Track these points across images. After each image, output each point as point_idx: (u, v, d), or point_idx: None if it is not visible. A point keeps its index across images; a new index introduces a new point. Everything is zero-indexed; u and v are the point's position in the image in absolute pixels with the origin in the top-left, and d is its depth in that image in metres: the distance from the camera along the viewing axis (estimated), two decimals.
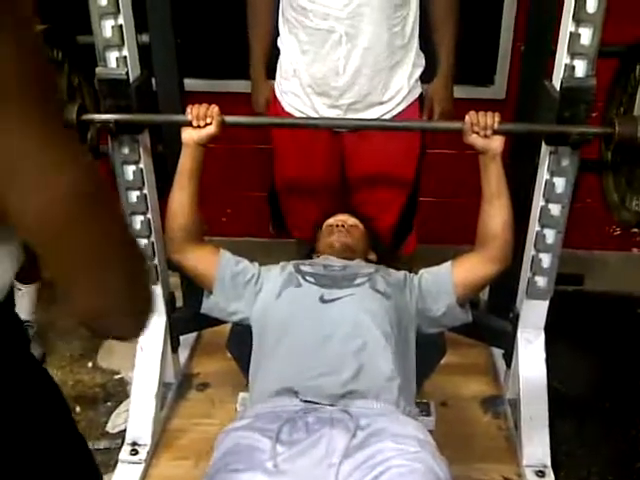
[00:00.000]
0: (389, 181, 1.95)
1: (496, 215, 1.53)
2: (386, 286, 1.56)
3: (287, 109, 1.90)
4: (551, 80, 1.50)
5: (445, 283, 1.57)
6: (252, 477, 1.19)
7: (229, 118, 1.59)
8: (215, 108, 1.57)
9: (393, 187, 1.97)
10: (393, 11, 1.72)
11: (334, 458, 1.20)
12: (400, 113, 1.85)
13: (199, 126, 1.56)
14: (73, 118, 1.53)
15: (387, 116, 1.84)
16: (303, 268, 1.62)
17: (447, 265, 1.61)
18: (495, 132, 1.50)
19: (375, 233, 1.86)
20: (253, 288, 1.60)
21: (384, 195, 1.97)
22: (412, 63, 1.82)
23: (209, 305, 1.65)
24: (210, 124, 1.56)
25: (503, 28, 2.20)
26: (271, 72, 1.94)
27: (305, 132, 1.88)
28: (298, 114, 1.87)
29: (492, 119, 1.50)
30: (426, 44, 1.86)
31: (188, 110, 1.57)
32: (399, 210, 2.01)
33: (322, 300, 1.52)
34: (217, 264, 1.61)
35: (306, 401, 1.36)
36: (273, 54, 1.91)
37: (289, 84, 1.86)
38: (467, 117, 1.52)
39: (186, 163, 1.59)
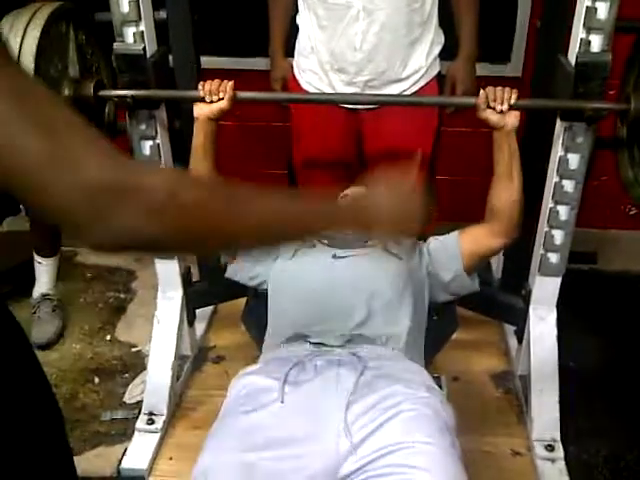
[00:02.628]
0: (406, 159, 1.95)
1: (505, 192, 1.53)
2: (397, 248, 1.59)
3: (305, 87, 1.90)
4: (567, 55, 1.50)
5: (453, 250, 1.59)
6: (260, 417, 1.24)
7: (241, 93, 1.59)
8: (229, 83, 1.57)
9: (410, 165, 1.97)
10: None
11: (342, 398, 1.23)
12: (418, 91, 1.84)
13: (212, 101, 1.57)
14: (90, 94, 1.55)
15: (405, 93, 1.83)
16: None
17: (455, 234, 1.62)
18: (510, 108, 1.49)
19: None
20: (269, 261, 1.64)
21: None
22: (431, 40, 1.81)
23: (234, 269, 1.69)
24: (222, 99, 1.56)
25: (520, 4, 2.18)
26: (290, 50, 1.94)
27: (323, 110, 1.88)
28: (316, 92, 1.87)
29: (509, 94, 1.48)
30: (447, 21, 1.84)
31: (200, 86, 1.58)
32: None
33: (334, 256, 1.56)
34: None
35: (315, 343, 1.40)
36: (292, 32, 1.91)
37: (307, 61, 1.86)
38: (482, 92, 1.50)
39: (199, 138, 1.60)
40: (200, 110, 1.58)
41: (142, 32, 1.54)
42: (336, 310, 1.46)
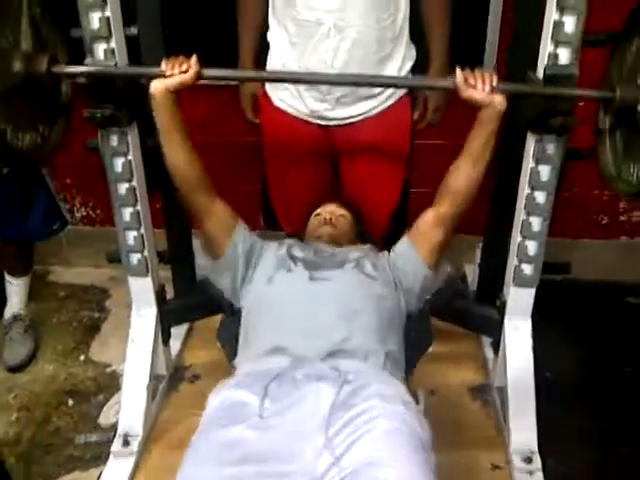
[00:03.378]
0: (380, 178, 1.96)
1: (465, 173, 1.51)
2: (373, 269, 1.59)
3: (277, 104, 1.90)
4: (536, 69, 1.51)
5: (412, 256, 1.59)
6: (240, 431, 1.21)
7: (207, 70, 1.49)
8: (194, 57, 1.47)
9: (385, 183, 1.97)
10: (383, 3, 1.71)
11: (322, 413, 1.22)
12: (390, 107, 1.85)
13: (172, 75, 1.46)
14: (43, 70, 1.45)
15: (377, 110, 1.84)
16: (295, 253, 1.65)
17: (405, 239, 1.63)
18: (493, 90, 1.44)
19: (363, 221, 1.88)
20: (252, 268, 1.63)
21: (373, 194, 1.96)
22: (402, 56, 1.82)
23: (213, 269, 1.67)
24: (185, 72, 1.46)
25: (490, 16, 2.21)
26: (260, 65, 1.93)
27: (295, 125, 1.88)
28: (289, 109, 1.87)
29: (489, 75, 1.45)
30: (417, 35, 1.85)
31: (163, 62, 1.48)
32: (392, 207, 2.02)
33: (311, 279, 1.55)
34: (232, 237, 1.62)
35: (295, 357, 1.38)
36: (262, 47, 1.91)
37: None
38: (459, 72, 1.45)
39: (161, 118, 1.50)
40: (156, 85, 1.47)
41: (113, 49, 1.53)
42: (316, 328, 1.45)
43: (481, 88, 1.43)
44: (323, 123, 1.87)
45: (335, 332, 1.43)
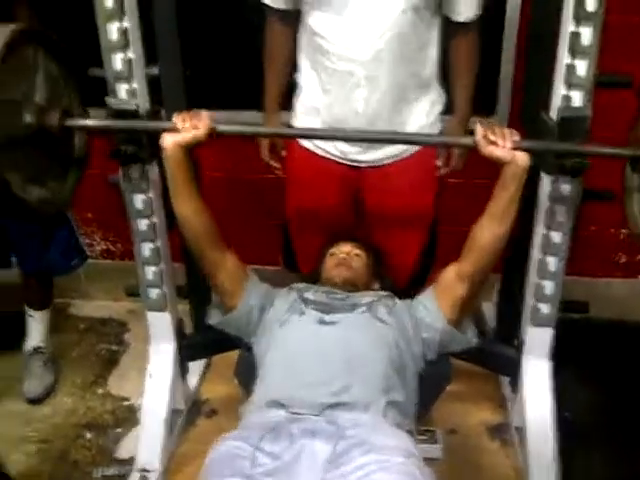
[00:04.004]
0: (406, 220, 1.93)
1: (489, 233, 1.48)
2: (387, 315, 1.58)
3: (303, 143, 1.89)
4: (549, 111, 1.53)
5: (432, 308, 1.58)
6: None
7: (221, 126, 1.49)
8: (204, 113, 1.48)
9: (410, 227, 1.94)
10: (413, 54, 1.72)
11: (317, 470, 1.21)
12: (420, 150, 1.84)
13: (184, 130, 1.46)
14: (55, 123, 1.45)
15: (406, 154, 1.83)
16: (307, 296, 1.65)
17: (429, 290, 1.62)
18: (515, 148, 1.41)
19: (381, 261, 1.87)
20: (265, 316, 1.64)
21: (401, 235, 1.94)
22: (432, 101, 1.83)
23: (224, 322, 1.68)
24: (197, 127, 1.46)
25: (503, 59, 2.23)
26: (285, 105, 1.94)
27: (323, 166, 1.88)
28: (317, 149, 1.87)
29: (509, 131, 1.42)
30: (445, 79, 1.86)
31: (174, 116, 1.49)
32: (417, 251, 1.99)
33: (321, 322, 1.55)
34: (244, 290, 1.63)
35: (292, 413, 1.37)
36: (289, 88, 1.92)
37: (311, 120, 1.85)
38: (479, 127, 1.43)
39: (171, 172, 1.50)
40: (168, 139, 1.46)
41: (135, 89, 1.58)
42: (316, 377, 1.42)
43: (502, 144, 1.41)
44: (352, 164, 1.87)
45: (336, 382, 1.41)
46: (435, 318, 1.57)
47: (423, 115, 1.82)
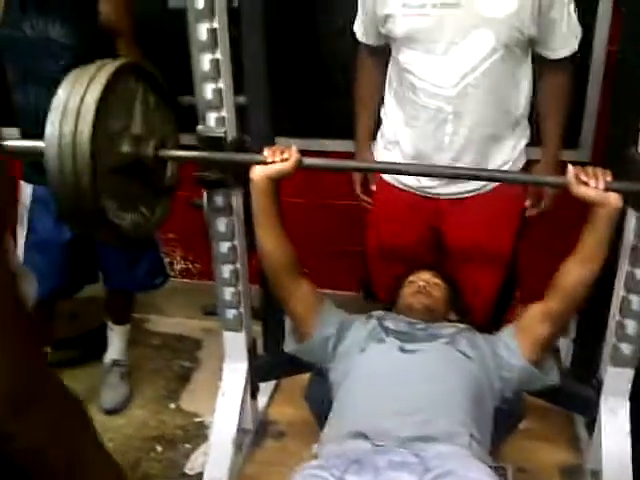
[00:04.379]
0: (483, 256, 1.92)
1: (579, 272, 1.47)
2: (468, 347, 1.57)
3: (386, 178, 1.92)
4: (637, 147, 1.50)
5: (511, 345, 1.57)
6: None
7: (307, 160, 1.55)
8: (293, 147, 1.54)
9: (487, 264, 1.93)
10: (503, 91, 1.73)
11: None
12: (501, 185, 1.82)
13: (273, 162, 1.52)
14: (150, 153, 1.52)
15: (489, 186, 1.82)
16: (386, 324, 1.66)
17: (510, 327, 1.60)
18: (607, 188, 1.40)
19: (458, 293, 1.86)
20: (342, 344, 1.65)
21: (478, 271, 1.93)
22: (518, 136, 1.83)
23: (301, 350, 1.70)
24: (286, 160, 1.51)
25: (589, 92, 2.20)
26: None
27: (404, 198, 1.90)
28: (400, 185, 1.89)
29: (602, 172, 1.41)
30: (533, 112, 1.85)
31: (265, 149, 1.55)
32: (494, 289, 1.98)
33: (402, 350, 1.55)
34: (320, 318, 1.65)
35: (377, 445, 1.37)
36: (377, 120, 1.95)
37: (391, 154, 1.88)
38: (571, 167, 1.43)
39: (258, 202, 1.55)
40: (258, 171, 1.52)
41: (223, 117, 1.63)
42: (400, 408, 1.43)
43: (594, 185, 1.39)
44: (433, 197, 1.88)
45: (420, 413, 1.41)
46: (515, 356, 1.56)
47: (509, 150, 1.82)
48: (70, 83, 1.36)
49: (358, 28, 1.86)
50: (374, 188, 1.99)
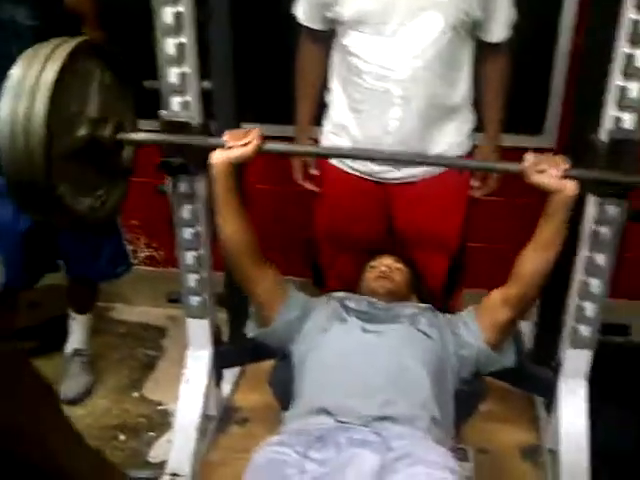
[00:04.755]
0: (433, 238, 1.95)
1: (536, 260, 1.49)
2: (428, 327, 1.59)
3: (333, 162, 1.92)
4: (599, 132, 1.52)
5: (472, 326, 1.59)
6: None
7: (268, 145, 1.53)
8: (256, 130, 1.52)
9: (441, 241, 1.96)
10: (449, 75, 1.74)
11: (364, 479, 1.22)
12: (448, 169, 1.86)
13: (233, 147, 1.50)
14: (107, 136, 1.48)
15: (436, 170, 1.84)
16: (348, 304, 1.67)
17: (471, 309, 1.63)
18: (564, 176, 1.41)
19: (419, 277, 1.88)
20: (305, 325, 1.65)
21: (428, 252, 1.95)
22: (462, 121, 1.85)
23: (264, 334, 1.69)
24: (247, 145, 1.49)
25: (554, 78, 2.24)
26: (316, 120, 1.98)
27: (353, 183, 1.90)
28: (347, 168, 1.90)
29: (560, 158, 1.42)
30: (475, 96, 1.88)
31: (226, 133, 1.53)
32: (444, 271, 2.01)
33: (364, 330, 1.57)
34: (283, 303, 1.65)
35: (340, 421, 1.38)
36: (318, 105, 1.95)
37: (339, 139, 1.88)
38: (528, 156, 1.44)
39: (219, 187, 1.52)
40: (218, 156, 1.50)
41: (188, 102, 1.61)
42: (362, 388, 1.44)
43: (552, 173, 1.41)
44: (382, 181, 1.89)
45: (381, 394, 1.42)
46: (475, 336, 1.59)
47: (454, 135, 1.84)
48: (26, 61, 1.32)
49: (301, 11, 1.82)
50: (315, 172, 1.98)
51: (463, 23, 1.68)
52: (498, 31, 1.76)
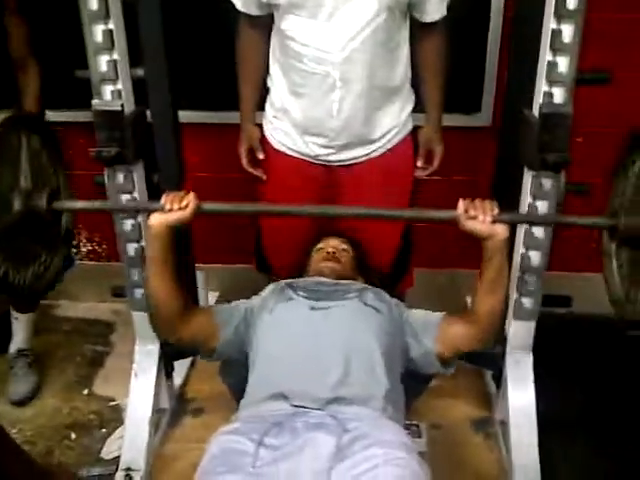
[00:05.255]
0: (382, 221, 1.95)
1: (487, 302, 1.51)
2: (376, 301, 1.61)
3: (277, 146, 1.92)
4: (531, 108, 1.55)
5: (429, 331, 1.59)
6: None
7: (206, 205, 1.51)
8: (192, 194, 1.50)
9: (386, 227, 1.97)
10: (386, 55, 1.74)
11: (321, 463, 1.23)
12: (392, 148, 1.88)
13: (171, 210, 1.47)
14: (43, 206, 1.46)
15: (379, 151, 1.86)
16: (295, 284, 1.68)
17: (438, 316, 1.62)
18: (495, 220, 1.42)
19: (365, 258, 1.89)
20: (251, 323, 1.64)
21: (378, 235, 1.96)
22: (403, 102, 1.86)
23: (217, 355, 1.66)
24: (184, 208, 1.47)
25: (488, 57, 2.26)
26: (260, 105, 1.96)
27: (296, 166, 1.90)
28: (290, 152, 1.90)
29: (490, 204, 1.43)
30: (415, 78, 1.89)
31: (163, 197, 1.50)
32: (394, 250, 2.03)
33: (312, 308, 1.57)
34: (218, 330, 1.61)
35: (295, 405, 1.39)
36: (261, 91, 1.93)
37: (281, 123, 1.88)
38: (460, 203, 1.44)
39: (154, 249, 1.51)
40: (156, 219, 1.48)
41: (119, 90, 1.58)
42: (314, 368, 1.45)
43: (482, 219, 1.42)
44: (325, 164, 1.89)
45: (335, 374, 1.43)
46: (426, 338, 1.59)
47: (395, 116, 1.85)
48: None
49: None
50: (261, 157, 1.97)
51: (397, 4, 1.68)
52: (433, 11, 1.76)
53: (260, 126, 1.98)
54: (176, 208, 1.47)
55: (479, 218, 1.42)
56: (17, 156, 1.44)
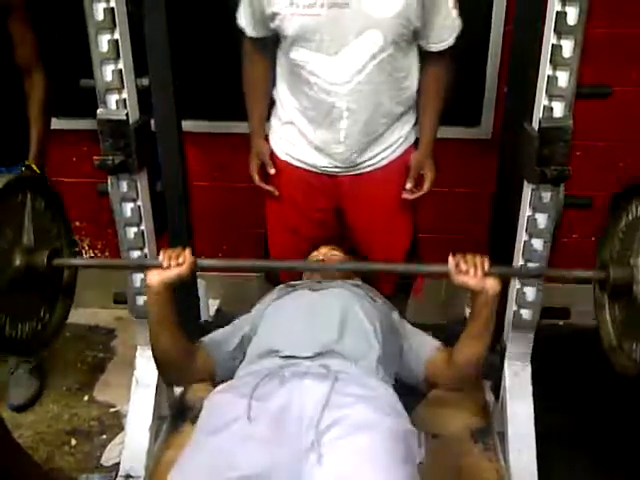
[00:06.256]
0: (390, 226, 1.98)
1: (470, 351, 1.51)
2: (372, 294, 1.68)
3: (282, 157, 1.93)
4: (531, 121, 1.57)
5: (424, 350, 1.62)
6: (227, 438, 1.24)
7: (203, 261, 1.52)
8: (188, 250, 1.49)
9: (394, 232, 1.99)
10: (394, 83, 1.76)
11: (308, 409, 1.25)
12: (398, 157, 1.90)
13: (169, 267, 1.46)
14: (43, 263, 1.46)
15: (384, 162, 1.88)
16: (294, 283, 1.75)
17: (433, 343, 1.63)
18: (486, 274, 1.42)
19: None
20: (254, 329, 1.65)
21: (386, 242, 1.98)
22: (410, 115, 1.88)
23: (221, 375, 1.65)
24: (182, 265, 1.46)
25: (488, 71, 2.28)
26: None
27: (302, 176, 1.91)
28: (295, 162, 1.91)
29: (481, 259, 1.43)
30: None
31: (161, 253, 1.49)
32: (403, 254, 2.03)
33: (312, 289, 1.65)
34: (214, 364, 1.61)
35: (285, 357, 1.42)
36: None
37: (286, 133, 1.90)
38: (451, 258, 1.44)
39: (154, 309, 1.49)
40: (154, 277, 1.47)
41: (124, 99, 1.60)
42: (308, 327, 1.50)
43: (473, 274, 1.42)
44: (331, 174, 1.90)
45: (328, 332, 1.48)
46: (416, 361, 1.61)
47: (401, 132, 1.88)
48: None
49: (244, 21, 1.79)
50: (272, 172, 1.97)
51: (404, 35, 1.68)
52: (438, 40, 1.75)
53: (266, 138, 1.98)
54: (174, 264, 1.46)
55: (470, 273, 1.42)
56: (20, 215, 1.46)
